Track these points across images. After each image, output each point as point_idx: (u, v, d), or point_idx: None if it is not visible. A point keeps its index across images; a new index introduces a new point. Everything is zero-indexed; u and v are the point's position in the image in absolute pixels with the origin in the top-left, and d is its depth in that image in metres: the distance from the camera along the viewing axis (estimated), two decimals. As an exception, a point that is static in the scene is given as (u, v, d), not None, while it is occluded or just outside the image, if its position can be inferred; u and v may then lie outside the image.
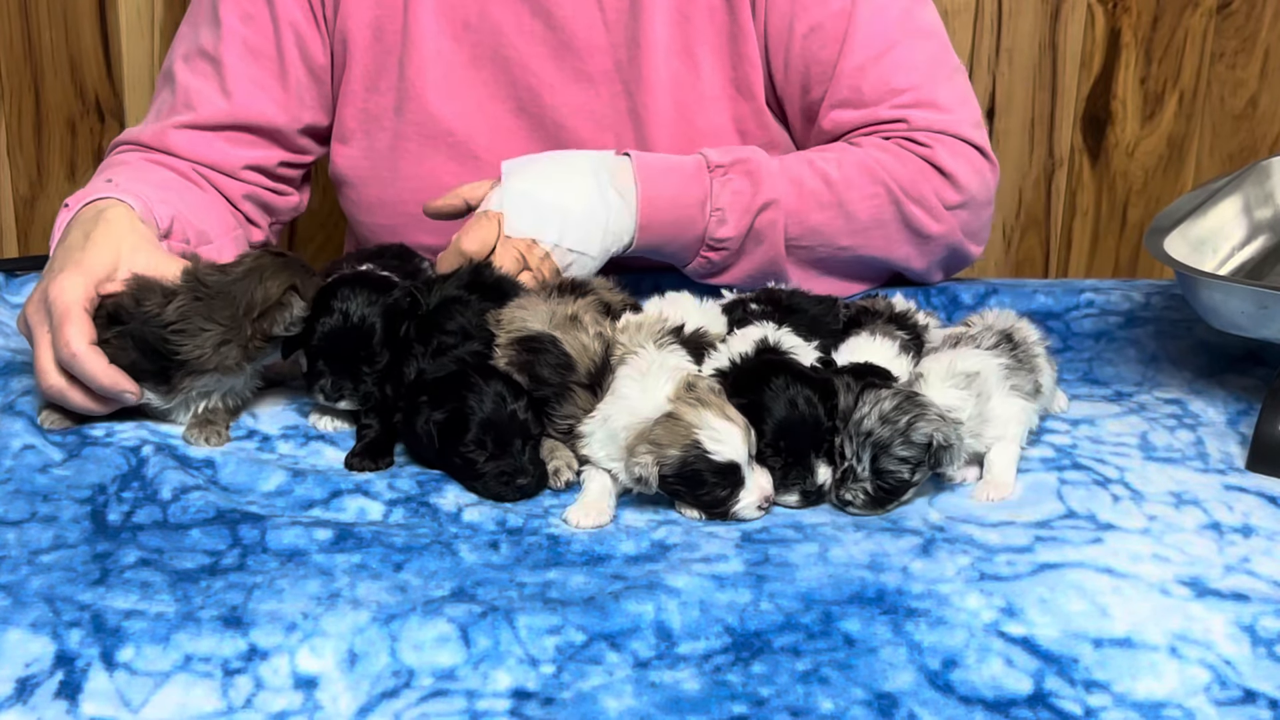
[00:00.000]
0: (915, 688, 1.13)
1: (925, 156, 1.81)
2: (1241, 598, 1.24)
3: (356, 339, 1.49)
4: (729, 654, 1.17)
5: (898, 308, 1.60)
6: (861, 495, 1.38)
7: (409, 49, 1.86)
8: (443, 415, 1.42)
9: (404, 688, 1.13)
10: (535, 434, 1.44)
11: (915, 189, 1.80)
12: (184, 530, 1.33)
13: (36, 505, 1.35)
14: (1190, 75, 2.73)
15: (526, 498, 1.42)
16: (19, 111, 2.65)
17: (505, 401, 1.42)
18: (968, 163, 1.83)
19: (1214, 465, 1.48)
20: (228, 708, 1.11)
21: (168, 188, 1.76)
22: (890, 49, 1.82)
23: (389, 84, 1.88)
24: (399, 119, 1.88)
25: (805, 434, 1.39)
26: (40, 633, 1.15)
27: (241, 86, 1.85)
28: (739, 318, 1.56)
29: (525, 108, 1.88)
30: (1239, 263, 1.72)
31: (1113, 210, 2.81)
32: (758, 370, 1.42)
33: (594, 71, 1.86)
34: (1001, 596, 1.23)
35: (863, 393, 1.40)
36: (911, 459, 1.37)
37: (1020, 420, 1.46)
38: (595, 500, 1.39)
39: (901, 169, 1.79)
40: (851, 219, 1.78)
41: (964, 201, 1.83)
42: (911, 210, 1.80)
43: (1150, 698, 1.13)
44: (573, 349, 1.45)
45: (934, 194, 1.81)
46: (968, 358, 1.46)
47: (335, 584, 1.24)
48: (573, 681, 1.14)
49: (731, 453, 1.35)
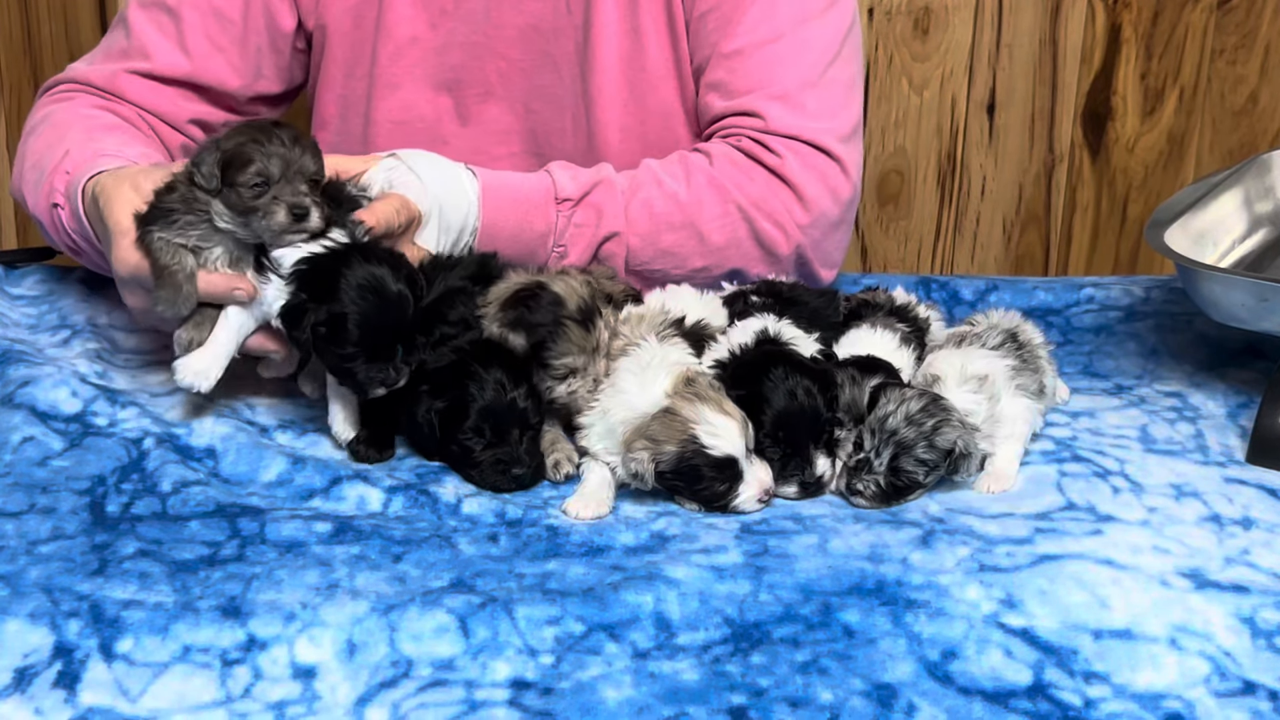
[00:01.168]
0: (914, 678, 1.13)
1: (774, 168, 1.75)
2: (1241, 589, 1.23)
3: (398, 316, 1.44)
4: (728, 645, 1.17)
5: (898, 301, 1.60)
6: (873, 487, 1.38)
7: (381, 36, 1.86)
8: (443, 404, 1.42)
9: (403, 678, 1.13)
10: (534, 423, 1.44)
11: (766, 205, 1.74)
12: (183, 522, 1.33)
13: (35, 497, 1.34)
14: (1190, 71, 2.72)
15: (522, 488, 1.42)
16: (18, 104, 2.65)
17: (505, 389, 1.42)
18: (819, 177, 1.75)
19: (1214, 458, 1.48)
20: (226, 697, 1.10)
21: (120, 135, 1.75)
22: (772, 42, 1.77)
23: (363, 71, 1.89)
24: (371, 105, 1.89)
25: (804, 425, 1.39)
26: (39, 623, 1.15)
27: (200, 46, 1.84)
28: (739, 310, 1.56)
29: (493, 91, 1.88)
30: (1239, 256, 1.72)
31: (1113, 206, 2.81)
32: (757, 361, 1.42)
33: (558, 54, 1.86)
34: (1001, 588, 1.22)
35: (886, 389, 1.40)
36: (930, 462, 1.37)
37: (1026, 419, 1.46)
38: (595, 491, 1.39)
39: (751, 185, 1.74)
40: (704, 240, 1.73)
41: (812, 221, 1.75)
42: (765, 228, 1.74)
43: (1150, 689, 1.13)
44: (560, 289, 1.46)
45: (784, 210, 1.74)
46: (977, 360, 1.46)
47: (334, 574, 1.24)
48: (572, 672, 1.13)
49: (729, 447, 1.35)
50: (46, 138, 1.74)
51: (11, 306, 1.74)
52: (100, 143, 1.67)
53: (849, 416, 1.42)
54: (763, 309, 1.53)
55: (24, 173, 1.74)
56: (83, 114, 1.79)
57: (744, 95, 1.77)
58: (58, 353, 1.61)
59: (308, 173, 1.46)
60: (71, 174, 1.62)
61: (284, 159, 1.45)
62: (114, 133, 1.74)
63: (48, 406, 1.48)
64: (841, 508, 1.38)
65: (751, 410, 1.38)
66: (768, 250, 1.74)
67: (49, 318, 1.73)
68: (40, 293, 1.80)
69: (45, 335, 1.67)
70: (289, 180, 1.45)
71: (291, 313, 1.42)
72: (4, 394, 1.50)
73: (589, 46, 1.84)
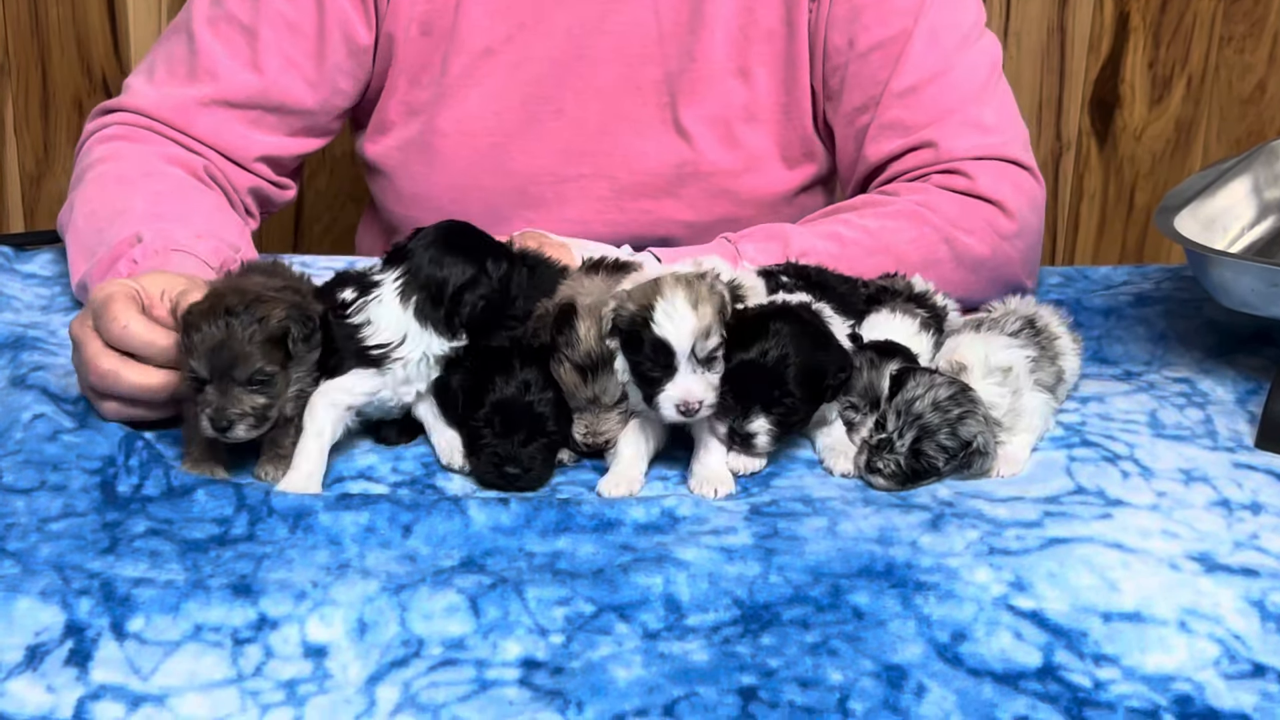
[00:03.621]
0: (924, 660, 1.14)
1: (967, 190, 1.74)
2: (1251, 573, 1.24)
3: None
4: (738, 626, 1.17)
5: (917, 288, 1.59)
6: (893, 467, 1.37)
7: (454, 46, 1.82)
8: (471, 382, 1.41)
9: (414, 657, 1.13)
10: (550, 433, 1.41)
11: (965, 222, 1.72)
12: (189, 493, 1.32)
13: (46, 474, 1.34)
14: (1199, 59, 2.73)
15: (516, 490, 1.38)
16: (26, 89, 2.65)
17: (528, 390, 1.40)
18: (1014, 187, 1.76)
19: (1223, 443, 1.48)
20: (238, 675, 1.11)
21: (194, 215, 1.66)
22: (944, 73, 1.77)
23: (431, 78, 1.84)
24: (436, 114, 1.85)
25: (758, 381, 1.37)
26: (50, 601, 1.15)
27: (274, 62, 1.78)
28: (773, 288, 1.54)
29: (565, 111, 1.85)
30: (1248, 242, 1.71)
31: (1120, 194, 2.81)
32: (776, 311, 1.40)
33: (643, 81, 1.83)
34: (1010, 571, 1.22)
35: (914, 374, 1.40)
36: (951, 450, 1.37)
37: (1041, 414, 1.46)
38: (626, 470, 1.38)
39: (947, 207, 1.73)
40: (902, 262, 1.69)
41: (1018, 230, 1.75)
42: (966, 245, 1.73)
43: (1160, 671, 1.13)
44: (582, 329, 1.41)
45: (987, 225, 1.74)
46: (1000, 350, 1.45)
47: (345, 554, 1.25)
48: (582, 651, 1.14)
49: (672, 336, 1.32)
50: (109, 193, 1.68)
51: (24, 287, 1.74)
52: (171, 231, 1.59)
53: (864, 400, 1.42)
54: (794, 290, 1.52)
55: (76, 220, 1.68)
56: (151, 170, 1.73)
57: (922, 129, 1.77)
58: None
59: (242, 376, 1.30)
60: (140, 265, 1.55)
61: (211, 357, 1.30)
62: (187, 211, 1.66)
63: (59, 390, 1.48)
64: (851, 491, 1.38)
65: (735, 346, 1.37)
66: (970, 267, 1.73)
67: (61, 299, 1.72)
68: (51, 273, 1.80)
69: (59, 316, 1.67)
70: (217, 381, 1.31)
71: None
72: (17, 375, 1.50)
73: (690, 80, 1.82)
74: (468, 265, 1.41)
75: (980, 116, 1.77)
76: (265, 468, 1.38)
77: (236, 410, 1.31)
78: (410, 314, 1.39)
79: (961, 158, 1.75)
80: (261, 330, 1.31)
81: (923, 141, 1.76)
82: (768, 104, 1.84)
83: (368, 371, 1.39)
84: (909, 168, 1.78)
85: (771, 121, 1.85)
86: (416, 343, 1.40)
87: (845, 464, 1.41)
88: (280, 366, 1.33)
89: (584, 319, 1.40)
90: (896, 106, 1.77)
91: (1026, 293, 1.73)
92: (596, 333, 1.38)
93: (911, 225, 1.72)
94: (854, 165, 1.84)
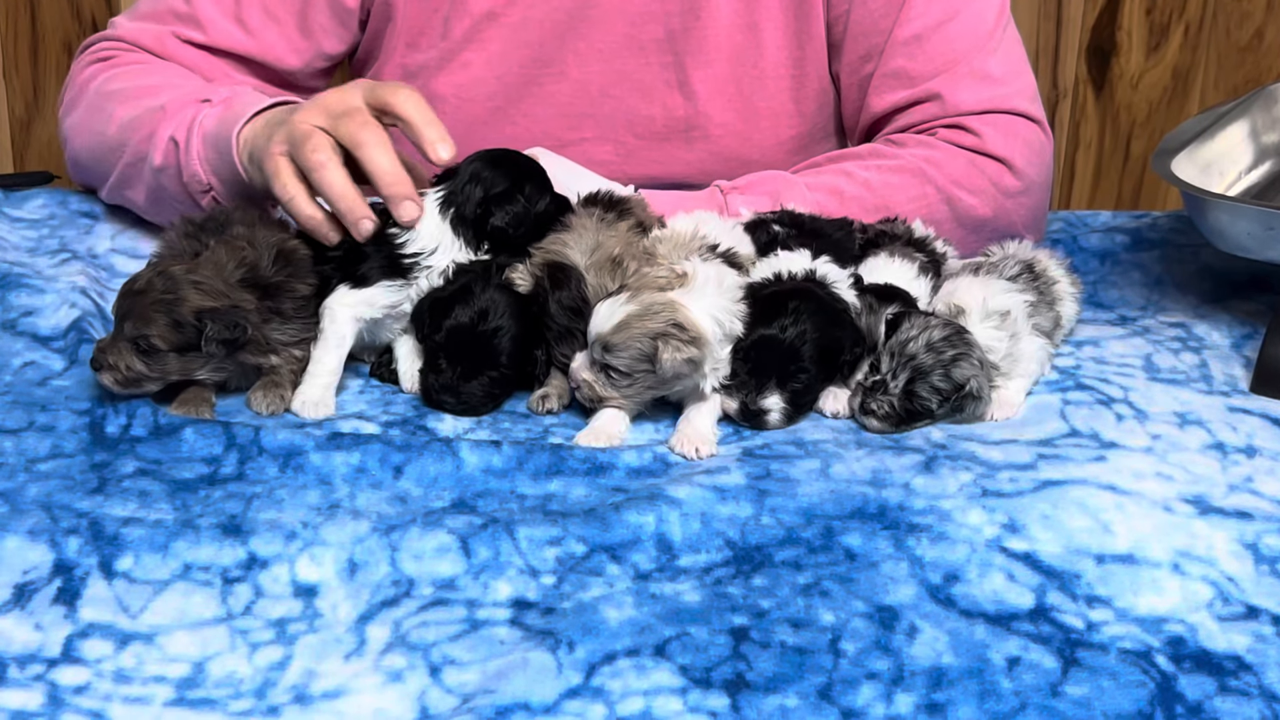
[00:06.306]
0: (916, 601, 1.13)
1: (974, 147, 1.70)
2: (1245, 516, 1.23)
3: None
4: (730, 567, 1.17)
5: (916, 233, 1.58)
6: (886, 408, 1.37)
7: (456, 8, 1.79)
8: (437, 299, 1.41)
9: (404, 596, 1.13)
10: (502, 366, 1.40)
11: (969, 181, 1.69)
12: (176, 432, 1.31)
13: (34, 415, 1.33)
14: (1196, 6, 2.71)
15: (455, 414, 1.40)
16: (14, 33, 2.62)
17: (484, 320, 1.39)
18: (1024, 143, 1.71)
19: (1218, 387, 1.47)
20: (227, 614, 1.10)
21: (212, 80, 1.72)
22: (949, 20, 1.72)
23: (430, 42, 1.81)
24: (434, 78, 1.82)
25: (775, 358, 1.37)
26: (38, 540, 1.15)
27: (258, 21, 1.77)
28: (764, 240, 1.52)
29: (568, 73, 1.82)
30: (1246, 186, 1.71)
31: (1116, 142, 2.80)
32: (796, 290, 1.40)
33: (645, 39, 1.79)
34: (1004, 513, 1.22)
35: (910, 316, 1.39)
36: (944, 392, 1.37)
37: (1037, 358, 1.45)
38: (605, 425, 1.37)
39: (951, 165, 1.69)
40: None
41: (1024, 188, 1.72)
42: (967, 205, 1.70)
43: (1152, 613, 1.13)
44: (592, 294, 1.40)
45: (990, 184, 1.70)
46: (998, 294, 1.44)
47: (335, 494, 1.24)
48: (573, 592, 1.13)
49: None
50: (138, 79, 1.68)
51: (11, 229, 1.72)
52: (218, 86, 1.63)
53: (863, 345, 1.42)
54: (786, 240, 1.50)
55: (114, 111, 1.68)
56: (159, 65, 1.74)
57: (928, 79, 1.72)
58: (57, 272, 1.60)
59: (130, 332, 1.32)
60: (223, 107, 1.57)
61: (121, 299, 1.34)
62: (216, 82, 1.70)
63: (50, 331, 1.48)
64: (844, 433, 1.37)
65: (754, 322, 1.37)
66: (971, 228, 1.70)
67: (49, 242, 1.71)
68: (41, 217, 1.78)
69: (44, 258, 1.65)
70: (116, 323, 1.34)
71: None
72: (7, 319, 1.49)
73: (694, 39, 1.78)
74: (505, 181, 1.45)
75: (987, 66, 1.72)
76: (258, 394, 1.39)
77: (111, 358, 1.33)
78: (447, 223, 1.44)
79: (968, 112, 1.71)
80: (167, 310, 1.32)
81: (928, 94, 1.73)
82: (778, 59, 1.80)
83: (395, 283, 1.42)
84: (915, 121, 1.74)
85: (783, 78, 1.80)
86: (446, 252, 1.44)
87: (836, 404, 1.41)
88: (174, 350, 1.34)
89: (595, 281, 1.41)
90: (901, 55, 1.73)
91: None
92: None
93: (914, 182, 1.69)
94: (858, 115, 1.80)
